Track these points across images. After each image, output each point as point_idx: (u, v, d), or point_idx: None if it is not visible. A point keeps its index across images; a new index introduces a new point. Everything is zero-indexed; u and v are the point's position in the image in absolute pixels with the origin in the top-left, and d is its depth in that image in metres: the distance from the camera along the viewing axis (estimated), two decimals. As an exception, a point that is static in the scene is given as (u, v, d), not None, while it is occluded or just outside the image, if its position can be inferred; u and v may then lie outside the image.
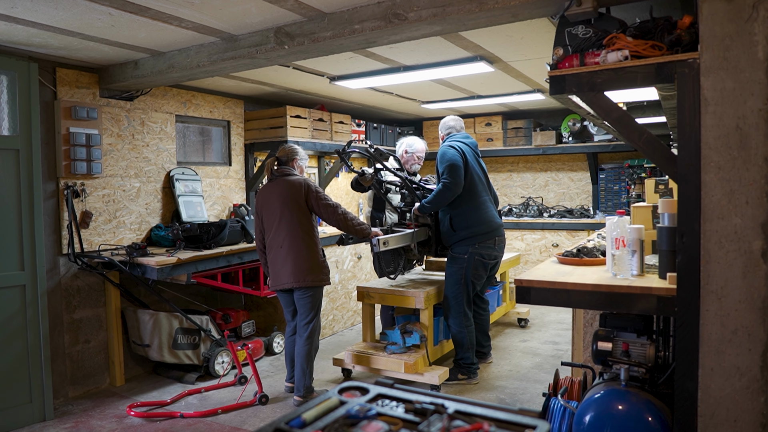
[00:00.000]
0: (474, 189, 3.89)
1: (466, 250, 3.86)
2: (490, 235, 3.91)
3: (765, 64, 1.86)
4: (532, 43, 3.67)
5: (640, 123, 2.21)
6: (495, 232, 3.94)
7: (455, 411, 1.06)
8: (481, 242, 3.87)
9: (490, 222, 3.91)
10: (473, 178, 3.88)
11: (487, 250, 3.92)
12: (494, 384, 3.96)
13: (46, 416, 3.52)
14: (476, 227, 3.86)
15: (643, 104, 4.96)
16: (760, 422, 1.90)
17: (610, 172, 6.54)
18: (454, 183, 3.76)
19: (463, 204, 3.86)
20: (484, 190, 3.98)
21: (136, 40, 3.33)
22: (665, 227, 2.16)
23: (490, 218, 3.92)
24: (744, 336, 1.91)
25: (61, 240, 3.83)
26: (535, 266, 2.94)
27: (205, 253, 3.99)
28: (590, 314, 3.19)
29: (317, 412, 1.06)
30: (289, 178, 3.61)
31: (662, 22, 2.10)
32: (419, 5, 2.58)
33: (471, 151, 3.96)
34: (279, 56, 3.25)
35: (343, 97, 5.66)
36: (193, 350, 4.11)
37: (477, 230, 3.86)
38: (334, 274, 5.31)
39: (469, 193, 3.87)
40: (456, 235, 3.89)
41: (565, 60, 2.24)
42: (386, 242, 3.67)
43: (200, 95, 4.88)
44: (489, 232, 3.90)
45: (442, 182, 3.80)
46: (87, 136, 3.87)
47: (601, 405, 2.14)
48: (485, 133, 6.96)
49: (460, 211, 3.87)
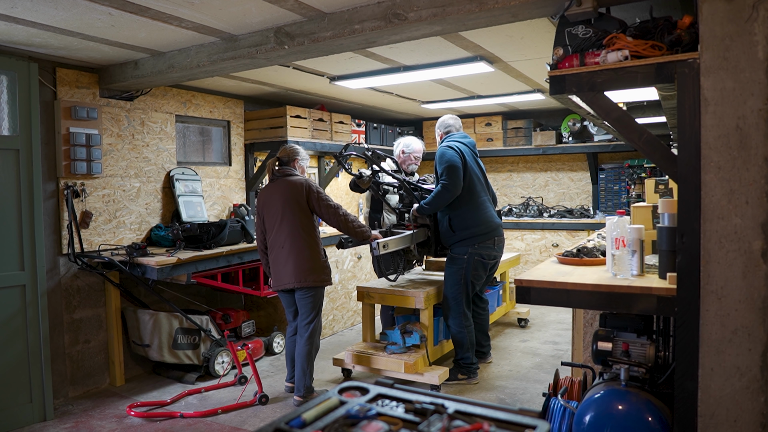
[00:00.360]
0: (473, 189, 3.89)
1: (466, 251, 3.87)
2: (489, 236, 3.91)
3: (765, 64, 1.86)
4: (532, 43, 3.67)
5: (640, 123, 2.21)
6: (494, 232, 3.94)
7: (455, 411, 1.06)
8: (480, 242, 3.87)
9: (489, 222, 3.91)
10: (472, 179, 3.88)
11: (487, 250, 3.92)
12: (494, 384, 3.96)
13: (46, 416, 3.52)
14: (475, 228, 3.86)
15: (643, 104, 4.96)
16: (760, 422, 1.90)
17: (610, 172, 6.54)
18: (453, 185, 3.76)
19: (462, 205, 3.86)
20: (483, 190, 3.98)
21: (136, 40, 3.33)
22: (665, 227, 2.16)
23: (489, 218, 3.92)
24: (744, 336, 1.91)
25: (61, 240, 3.83)
26: (535, 266, 2.94)
27: (205, 253, 3.99)
28: (590, 314, 3.19)
29: (317, 412, 1.06)
30: (290, 178, 3.61)
31: (662, 22, 2.10)
32: (419, 5, 2.58)
33: (469, 151, 3.96)
34: (279, 56, 3.25)
35: (343, 97, 5.66)
36: (193, 350, 4.11)
37: (476, 231, 3.86)
38: (334, 274, 5.31)
39: (468, 193, 3.86)
40: (455, 236, 3.89)
41: (565, 60, 2.24)
42: (386, 245, 3.67)
43: (200, 95, 4.88)
44: (488, 233, 3.90)
45: (441, 184, 3.80)
46: (87, 136, 3.87)
47: (601, 405, 2.14)
48: (485, 133, 6.96)
49: (459, 212, 3.87)
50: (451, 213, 3.89)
